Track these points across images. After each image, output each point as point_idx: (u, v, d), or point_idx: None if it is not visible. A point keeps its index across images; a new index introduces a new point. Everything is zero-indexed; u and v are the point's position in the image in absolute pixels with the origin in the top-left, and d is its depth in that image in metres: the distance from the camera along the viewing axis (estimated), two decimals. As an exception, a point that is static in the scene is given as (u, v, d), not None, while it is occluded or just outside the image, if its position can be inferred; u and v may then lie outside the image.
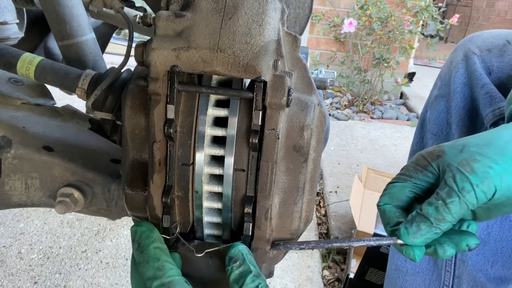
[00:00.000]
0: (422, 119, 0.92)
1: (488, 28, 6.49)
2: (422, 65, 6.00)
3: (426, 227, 0.43)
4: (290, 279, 1.62)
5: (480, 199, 0.42)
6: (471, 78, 0.79)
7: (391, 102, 4.01)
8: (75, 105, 0.88)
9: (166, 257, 0.44)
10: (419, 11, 3.47)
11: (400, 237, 0.45)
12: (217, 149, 0.45)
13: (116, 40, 2.16)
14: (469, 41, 0.83)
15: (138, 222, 0.47)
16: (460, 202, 0.42)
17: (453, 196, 0.42)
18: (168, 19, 0.42)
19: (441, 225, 0.43)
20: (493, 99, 0.73)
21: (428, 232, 0.43)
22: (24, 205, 0.74)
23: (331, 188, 2.22)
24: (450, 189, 0.43)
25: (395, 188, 0.48)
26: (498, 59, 0.77)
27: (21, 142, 0.71)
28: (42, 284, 1.50)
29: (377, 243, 0.47)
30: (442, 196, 0.43)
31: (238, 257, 0.43)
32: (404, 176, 0.48)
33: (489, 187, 0.41)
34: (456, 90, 0.81)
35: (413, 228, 0.44)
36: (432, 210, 0.43)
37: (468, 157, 0.43)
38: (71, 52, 0.82)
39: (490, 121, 0.73)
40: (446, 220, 0.43)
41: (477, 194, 0.42)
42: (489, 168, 0.42)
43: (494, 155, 0.42)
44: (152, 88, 0.42)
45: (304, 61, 0.47)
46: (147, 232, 0.45)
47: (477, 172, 0.42)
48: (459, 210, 0.42)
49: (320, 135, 0.47)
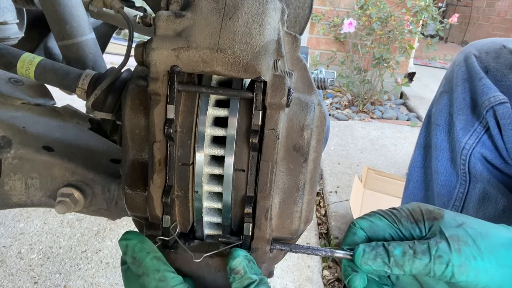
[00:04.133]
0: (429, 114, 0.99)
1: (488, 28, 6.48)
2: (422, 65, 6.00)
3: (381, 262, 0.44)
4: (290, 279, 1.62)
5: (445, 275, 0.42)
6: (470, 74, 0.85)
7: (391, 102, 4.01)
8: (75, 105, 0.88)
9: (165, 266, 0.44)
10: (419, 11, 3.47)
11: (353, 255, 0.45)
12: (217, 149, 0.45)
13: (116, 40, 2.16)
14: (470, 46, 0.91)
15: (126, 234, 0.46)
16: (427, 264, 0.42)
17: (426, 256, 0.42)
18: (168, 19, 0.42)
19: (394, 269, 0.43)
20: (489, 89, 0.79)
21: (379, 267, 0.44)
22: (24, 205, 0.74)
23: (331, 188, 2.22)
24: (427, 249, 0.43)
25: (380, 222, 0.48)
26: (494, 60, 0.83)
27: (21, 142, 0.71)
28: (42, 284, 1.50)
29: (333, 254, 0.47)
30: (416, 248, 0.43)
31: (239, 268, 0.43)
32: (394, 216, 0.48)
33: (461, 274, 0.42)
34: (458, 84, 0.87)
35: (371, 254, 0.44)
36: (398, 253, 0.43)
37: (461, 235, 0.43)
38: (71, 52, 0.82)
39: (486, 108, 0.78)
40: (402, 269, 0.43)
41: (446, 270, 0.42)
42: (473, 259, 0.42)
43: (484, 249, 0.43)
44: (152, 88, 0.42)
45: (304, 61, 0.47)
46: (139, 244, 0.45)
47: (461, 255, 0.42)
48: (419, 269, 0.43)
49: (320, 135, 0.47)
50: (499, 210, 0.78)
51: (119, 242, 0.46)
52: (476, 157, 0.80)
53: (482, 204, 0.81)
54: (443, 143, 0.88)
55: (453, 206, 0.84)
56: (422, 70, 5.30)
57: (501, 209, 0.78)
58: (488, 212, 0.80)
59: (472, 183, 0.82)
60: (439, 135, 0.89)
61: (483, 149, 0.79)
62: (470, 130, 0.81)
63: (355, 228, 0.48)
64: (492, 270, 0.42)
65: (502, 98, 0.77)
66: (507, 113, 0.76)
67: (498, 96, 0.77)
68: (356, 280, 0.45)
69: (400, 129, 3.26)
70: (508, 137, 0.76)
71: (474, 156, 0.80)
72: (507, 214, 0.77)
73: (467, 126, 0.82)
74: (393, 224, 0.47)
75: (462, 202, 0.83)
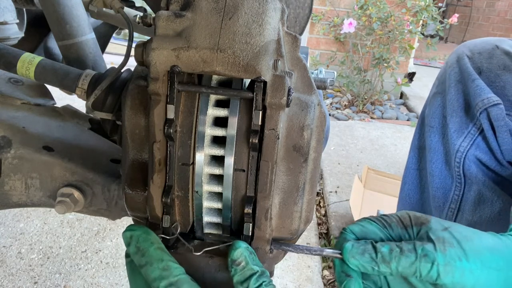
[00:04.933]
0: (422, 116, 0.99)
1: (488, 28, 6.47)
2: (422, 65, 6.00)
3: (369, 258, 0.44)
4: (290, 279, 1.62)
5: (431, 275, 0.43)
6: (463, 75, 0.85)
7: (391, 102, 4.01)
8: (75, 105, 0.88)
9: (169, 256, 0.44)
10: (419, 11, 3.47)
11: (342, 250, 0.46)
12: (217, 149, 0.45)
13: (116, 40, 2.16)
14: (463, 46, 0.91)
15: (131, 226, 0.47)
16: (413, 263, 0.43)
17: (412, 254, 0.43)
18: (168, 19, 0.42)
19: (381, 266, 0.44)
20: (482, 91, 0.79)
21: (366, 263, 0.44)
22: (24, 205, 0.74)
23: (331, 188, 2.22)
24: (413, 248, 0.44)
25: (370, 226, 0.49)
26: (487, 61, 0.83)
27: (21, 142, 0.71)
28: (42, 284, 1.50)
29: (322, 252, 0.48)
30: (402, 247, 0.44)
31: (241, 259, 0.43)
32: (384, 221, 0.49)
33: (446, 273, 0.42)
34: (451, 86, 0.87)
35: (359, 249, 0.45)
36: (386, 250, 0.44)
37: (447, 238, 0.44)
38: (71, 52, 0.82)
39: (480, 110, 0.78)
40: (388, 265, 0.43)
41: (432, 270, 0.42)
42: (458, 259, 0.43)
43: (469, 251, 0.43)
44: (152, 88, 0.42)
45: (304, 61, 0.47)
46: (144, 235, 0.45)
47: (446, 255, 0.43)
48: (405, 267, 0.43)
49: (320, 135, 0.47)
50: (495, 212, 0.78)
51: (123, 234, 0.47)
52: (471, 160, 0.79)
53: (478, 206, 0.80)
54: (437, 145, 0.88)
55: (448, 208, 0.84)
56: (422, 70, 5.30)
57: (497, 211, 0.78)
58: (484, 214, 0.79)
59: (467, 185, 0.81)
60: (433, 137, 0.89)
61: (478, 152, 0.79)
62: (464, 132, 0.81)
63: (345, 233, 0.49)
64: (477, 272, 0.43)
65: (496, 99, 0.76)
66: (500, 115, 0.76)
67: (492, 98, 0.77)
68: (351, 286, 0.46)
69: (400, 129, 3.26)
70: (503, 139, 0.76)
71: (468, 159, 0.79)
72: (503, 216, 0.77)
73: (461, 128, 0.82)
74: (383, 229, 0.48)
75: (457, 204, 0.83)
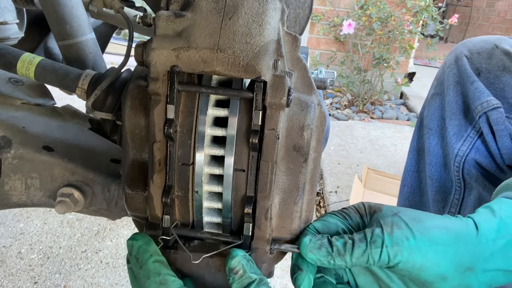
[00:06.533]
0: (421, 117, 0.98)
1: (488, 28, 6.46)
2: (422, 65, 6.00)
3: (325, 251, 0.45)
4: (290, 279, 1.62)
5: (383, 259, 0.44)
6: (462, 76, 0.84)
7: (391, 102, 4.01)
8: (75, 105, 0.88)
9: (167, 269, 0.44)
10: (419, 11, 3.47)
11: (299, 245, 0.47)
12: (217, 149, 0.45)
13: (116, 40, 2.16)
14: (461, 45, 0.89)
15: (134, 235, 0.47)
16: (364, 251, 0.44)
17: (362, 243, 0.44)
18: (168, 19, 0.42)
19: (337, 260, 0.45)
20: (482, 94, 0.78)
21: (322, 256, 0.45)
22: (24, 205, 0.74)
23: (331, 188, 2.22)
24: (363, 237, 0.45)
25: (332, 219, 0.50)
26: (486, 61, 0.81)
27: (21, 142, 0.71)
28: (42, 284, 1.50)
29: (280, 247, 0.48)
30: (354, 238, 0.45)
31: (238, 268, 0.43)
32: (344, 213, 0.50)
33: (395, 254, 0.43)
34: (449, 88, 0.86)
35: (316, 244, 0.46)
36: (340, 244, 0.45)
37: (396, 221, 0.45)
38: (71, 52, 0.82)
39: (479, 113, 0.77)
40: (343, 258, 0.44)
41: (382, 253, 0.44)
42: (406, 239, 0.44)
43: (416, 231, 0.44)
44: (152, 88, 0.42)
45: (304, 61, 0.47)
46: (144, 246, 0.45)
47: (393, 236, 0.44)
48: (360, 257, 0.44)
49: (320, 135, 0.47)
50: None
51: (127, 242, 0.47)
52: (470, 164, 0.78)
53: None
54: (436, 148, 0.87)
55: (449, 212, 0.83)
56: (422, 70, 5.30)
57: None
58: None
59: (467, 189, 0.81)
60: (432, 140, 0.88)
61: (477, 155, 0.78)
62: (463, 136, 0.80)
63: (307, 230, 0.49)
64: (424, 248, 0.44)
65: (495, 103, 0.75)
66: (500, 118, 0.75)
67: (491, 101, 0.76)
68: (300, 279, 0.46)
69: (400, 129, 3.26)
70: (502, 143, 0.75)
71: (468, 163, 0.79)
72: None
73: (460, 131, 0.81)
74: (344, 220, 0.50)
75: (457, 208, 0.82)
